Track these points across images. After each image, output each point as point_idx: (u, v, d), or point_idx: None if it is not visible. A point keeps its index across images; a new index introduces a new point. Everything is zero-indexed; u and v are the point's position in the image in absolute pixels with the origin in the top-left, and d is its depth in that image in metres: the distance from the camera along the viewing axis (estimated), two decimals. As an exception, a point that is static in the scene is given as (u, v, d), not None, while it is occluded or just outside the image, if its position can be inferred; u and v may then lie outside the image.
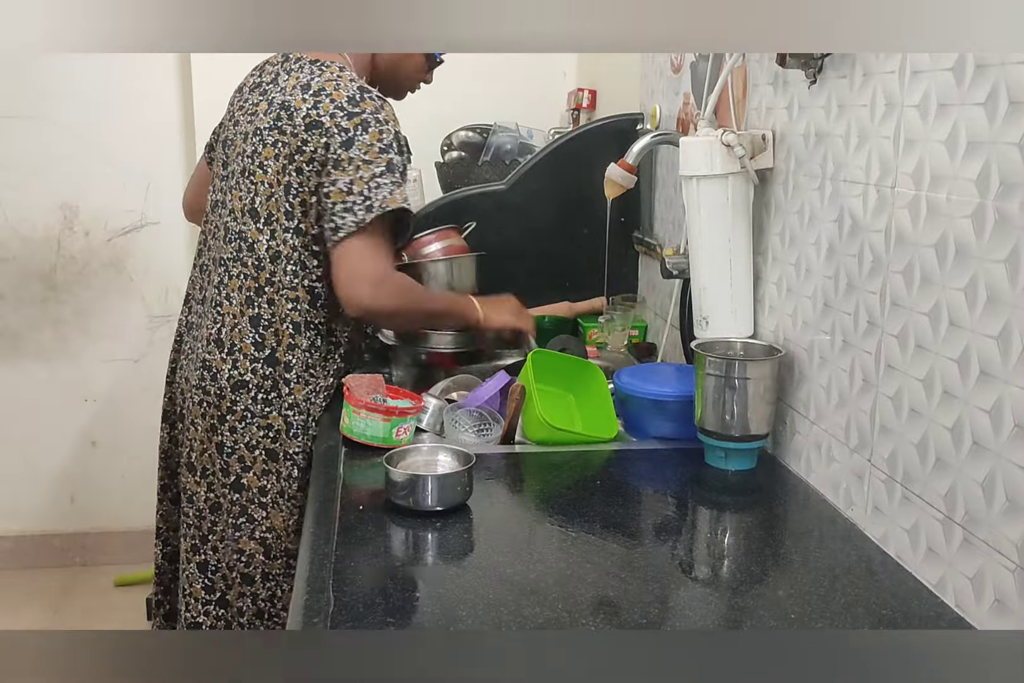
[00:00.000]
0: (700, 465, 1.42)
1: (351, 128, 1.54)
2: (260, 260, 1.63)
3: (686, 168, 1.45)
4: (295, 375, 1.64)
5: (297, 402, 1.64)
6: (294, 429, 1.64)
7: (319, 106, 1.57)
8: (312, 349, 1.65)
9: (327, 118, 1.55)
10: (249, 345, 1.63)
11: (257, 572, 1.65)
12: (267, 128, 1.61)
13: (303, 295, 1.64)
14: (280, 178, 1.60)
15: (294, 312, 1.64)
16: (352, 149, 1.54)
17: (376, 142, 1.55)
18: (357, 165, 1.54)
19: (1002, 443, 0.93)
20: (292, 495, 1.64)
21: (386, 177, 1.55)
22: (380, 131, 1.56)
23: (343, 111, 1.55)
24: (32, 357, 2.98)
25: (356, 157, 1.54)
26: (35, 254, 2.91)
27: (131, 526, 3.09)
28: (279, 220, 1.61)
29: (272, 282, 1.63)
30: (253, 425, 1.64)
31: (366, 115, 1.55)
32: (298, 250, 1.62)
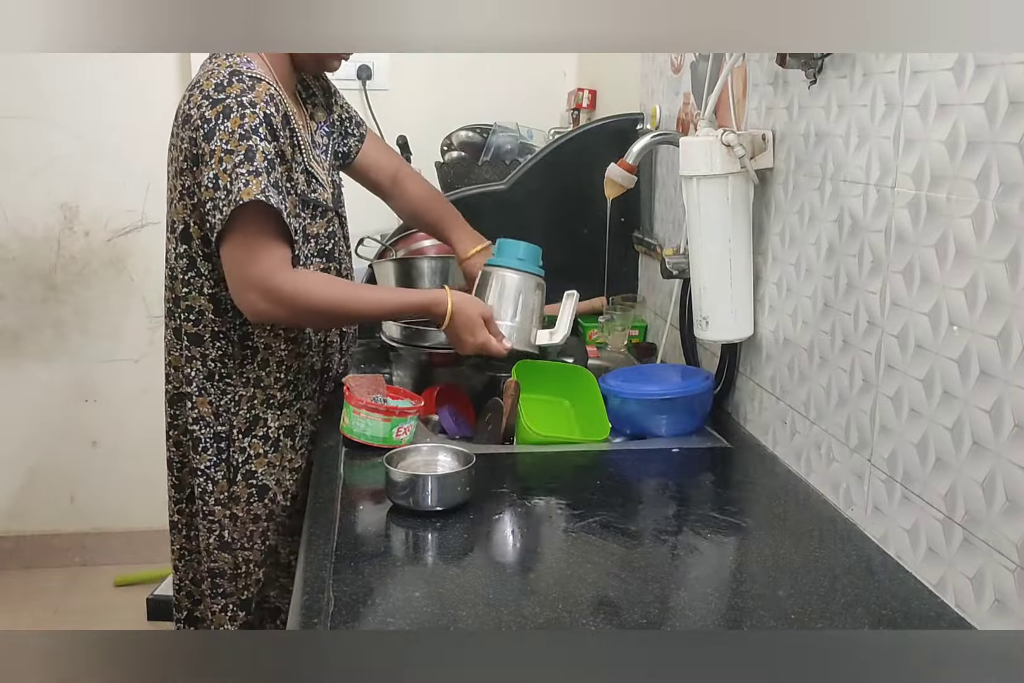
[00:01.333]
0: (700, 465, 1.42)
1: (213, 117, 1.40)
2: (171, 270, 1.57)
3: (686, 168, 1.45)
4: (196, 388, 1.56)
5: (202, 415, 1.57)
6: (203, 443, 1.58)
7: (191, 100, 1.45)
8: (224, 359, 1.56)
9: (195, 110, 1.43)
10: (177, 357, 1.61)
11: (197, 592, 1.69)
12: (171, 135, 1.53)
13: (205, 304, 1.54)
14: (174, 184, 1.52)
15: (187, 323, 1.55)
16: (213, 140, 1.39)
17: (237, 128, 1.39)
18: (220, 157, 1.39)
19: (1002, 443, 0.93)
20: (209, 511, 1.59)
21: (243, 166, 1.38)
22: (243, 115, 1.40)
23: (208, 100, 1.42)
24: (32, 357, 2.97)
25: (217, 148, 1.39)
26: (35, 254, 2.91)
27: (131, 526, 3.09)
28: (173, 227, 1.54)
29: (171, 296, 1.58)
30: (171, 440, 1.65)
31: (229, 100, 1.41)
32: (188, 257, 1.52)
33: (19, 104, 2.80)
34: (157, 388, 1.96)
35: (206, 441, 1.58)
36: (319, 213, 1.58)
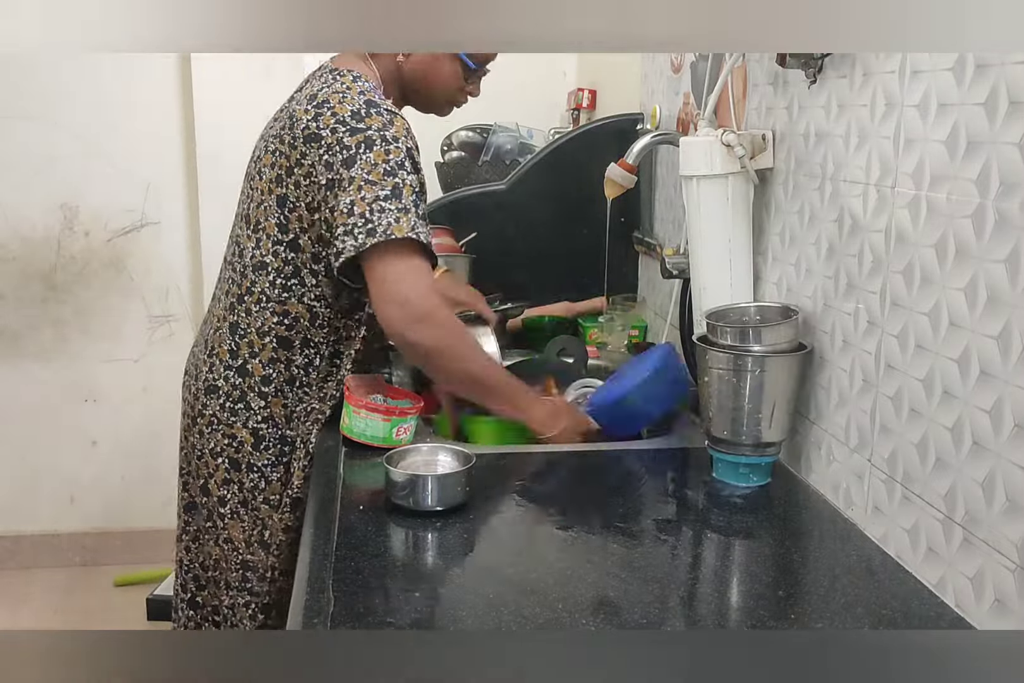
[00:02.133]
0: (700, 465, 1.42)
1: (353, 145, 1.43)
2: (245, 267, 1.58)
3: (686, 168, 1.45)
4: (273, 389, 1.57)
5: (273, 416, 1.58)
6: (266, 442, 1.58)
7: (320, 119, 1.47)
8: (309, 368, 1.58)
9: (327, 132, 1.45)
10: (225, 351, 1.60)
11: (221, 578, 1.66)
12: (273, 136, 1.55)
13: (302, 312, 1.55)
14: (273, 188, 1.53)
15: (280, 326, 1.56)
16: (354, 168, 1.42)
17: (381, 162, 1.43)
18: (359, 185, 1.42)
19: (1002, 443, 0.93)
20: (255, 507, 1.60)
21: (391, 202, 1.42)
22: (387, 150, 1.44)
23: (345, 126, 1.44)
24: (32, 357, 2.98)
25: (358, 177, 1.42)
26: (35, 254, 2.91)
27: (131, 526, 3.09)
28: (267, 230, 1.54)
29: (252, 292, 1.57)
30: (218, 432, 1.60)
31: (371, 132, 1.44)
32: (293, 265, 1.54)
33: (19, 104, 2.80)
34: (157, 388, 1.96)
35: (270, 441, 1.59)
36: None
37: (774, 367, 1.28)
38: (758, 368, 1.27)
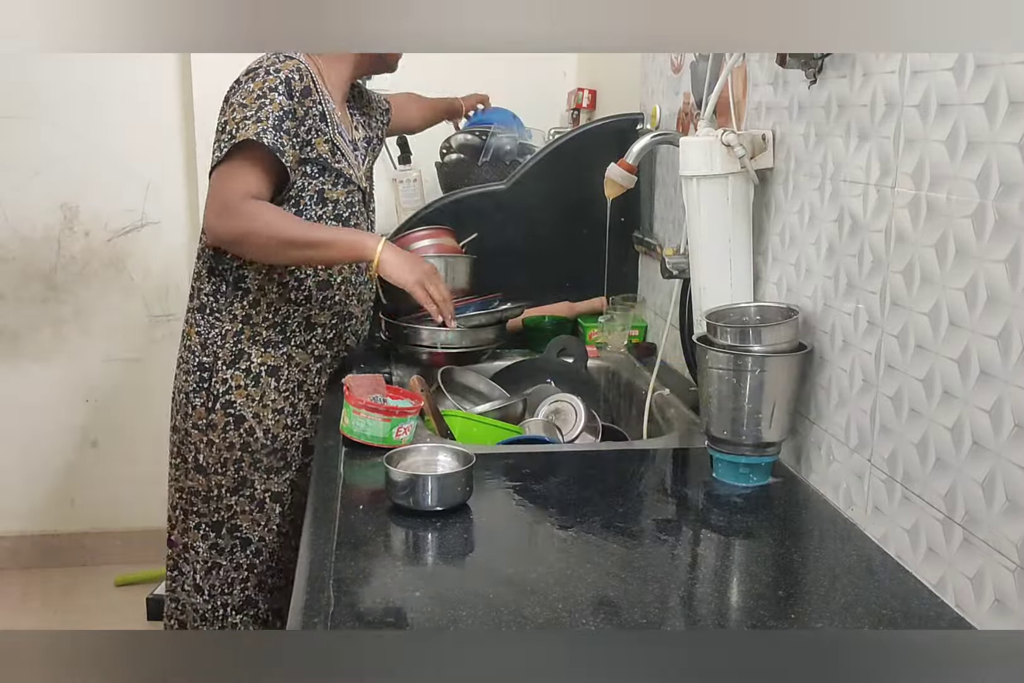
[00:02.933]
0: (700, 465, 1.42)
1: (242, 79, 1.62)
2: None
3: (686, 168, 1.45)
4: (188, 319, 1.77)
5: (189, 345, 1.76)
6: (185, 365, 1.76)
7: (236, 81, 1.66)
8: (216, 295, 1.73)
9: (233, 82, 1.64)
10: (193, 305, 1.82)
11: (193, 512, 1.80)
12: None
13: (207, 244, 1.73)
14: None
15: (198, 262, 1.75)
16: (236, 95, 1.60)
17: (257, 89, 1.59)
18: (234, 108, 1.59)
19: (1002, 443, 0.93)
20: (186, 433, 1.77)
21: (251, 117, 1.57)
22: (265, 79, 1.59)
23: (247, 73, 1.63)
24: (32, 357, 2.98)
25: (235, 102, 1.59)
26: (35, 254, 2.91)
27: (131, 526, 3.09)
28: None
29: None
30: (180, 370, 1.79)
31: (259, 68, 1.61)
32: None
33: (19, 104, 2.80)
34: (157, 388, 1.98)
35: (191, 367, 1.74)
36: (340, 182, 1.72)
37: (774, 367, 1.28)
38: (758, 368, 1.27)
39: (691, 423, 1.59)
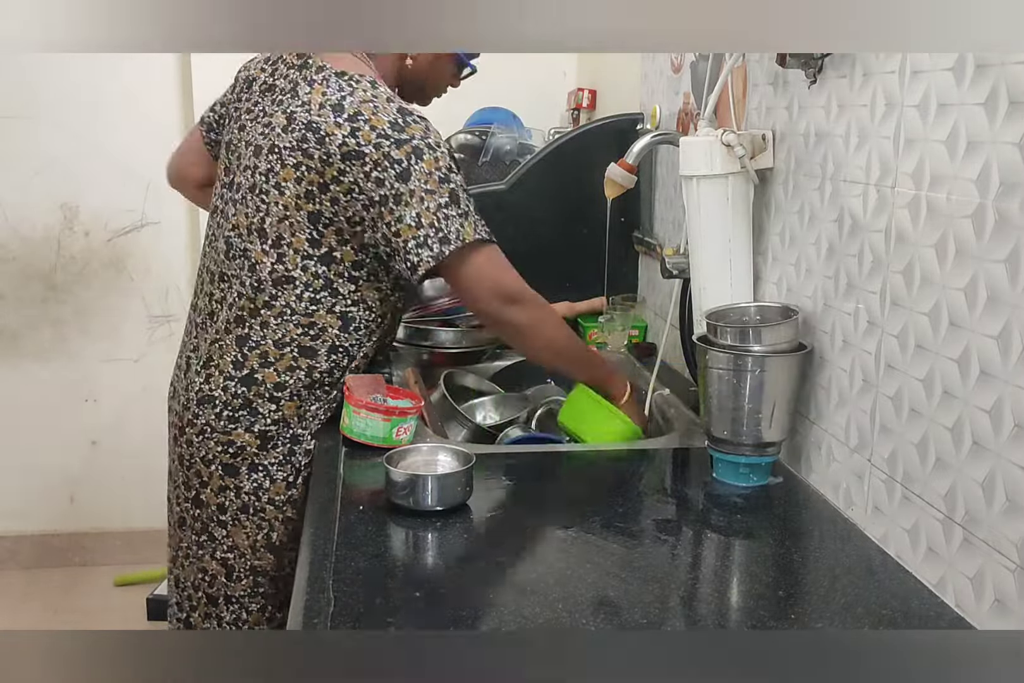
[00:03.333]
0: (700, 465, 1.42)
1: (403, 158, 1.44)
2: (261, 282, 1.54)
3: (686, 168, 1.45)
4: (288, 394, 1.56)
5: (285, 418, 1.57)
6: (274, 441, 1.57)
7: (358, 134, 1.44)
8: (335, 370, 1.59)
9: (370, 149, 1.44)
10: (228, 363, 1.57)
11: (220, 594, 1.62)
12: (288, 148, 1.49)
13: (331, 321, 1.55)
14: (301, 203, 1.50)
15: (305, 337, 1.55)
16: (411, 181, 1.44)
17: (434, 170, 1.46)
18: (420, 196, 1.45)
19: (1002, 443, 0.93)
20: (260, 508, 1.58)
21: (452, 209, 1.47)
22: (435, 158, 1.46)
23: (388, 140, 1.44)
24: (32, 357, 2.98)
25: (417, 189, 1.45)
26: (35, 254, 2.91)
27: (131, 526, 3.09)
28: (294, 245, 1.52)
29: (271, 306, 1.54)
30: (211, 440, 1.58)
31: (416, 142, 1.46)
32: (325, 278, 1.53)
33: (19, 104, 2.80)
34: (157, 388, 1.95)
35: (279, 440, 1.58)
36: None
37: (774, 367, 1.28)
38: (758, 368, 1.28)
39: (691, 423, 1.59)
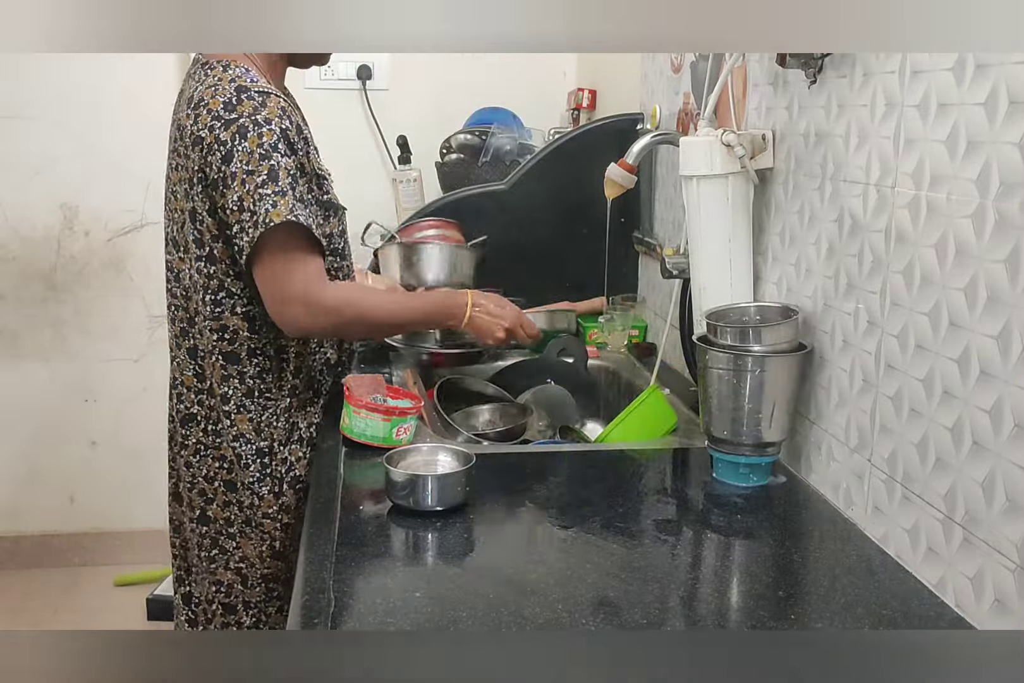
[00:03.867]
0: (700, 465, 1.42)
1: (229, 139, 1.39)
2: (187, 290, 1.54)
3: (686, 168, 1.45)
4: (234, 406, 1.55)
5: (243, 433, 1.55)
6: (244, 459, 1.56)
7: (199, 120, 1.42)
8: (263, 374, 1.55)
9: (206, 132, 1.41)
10: (191, 377, 1.57)
11: (238, 601, 1.63)
12: (171, 151, 1.51)
13: (239, 323, 1.52)
14: (183, 205, 1.49)
15: (222, 342, 1.52)
16: (233, 162, 1.38)
17: (256, 148, 1.38)
18: (242, 178, 1.38)
19: (1002, 443, 0.93)
20: (258, 523, 1.59)
21: (267, 187, 1.38)
22: (259, 134, 1.39)
23: (220, 121, 1.40)
24: (32, 357, 2.98)
25: (239, 170, 1.38)
26: (35, 254, 2.91)
27: (131, 526, 3.09)
28: (188, 249, 1.51)
29: (198, 312, 1.53)
30: (208, 457, 1.58)
31: (243, 120, 1.39)
32: (217, 278, 1.50)
33: (19, 104, 2.80)
34: (157, 388, 1.95)
35: (248, 457, 1.57)
36: (332, 213, 1.58)
37: (774, 367, 1.28)
38: (758, 368, 1.27)
39: (691, 423, 1.59)
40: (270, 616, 1.63)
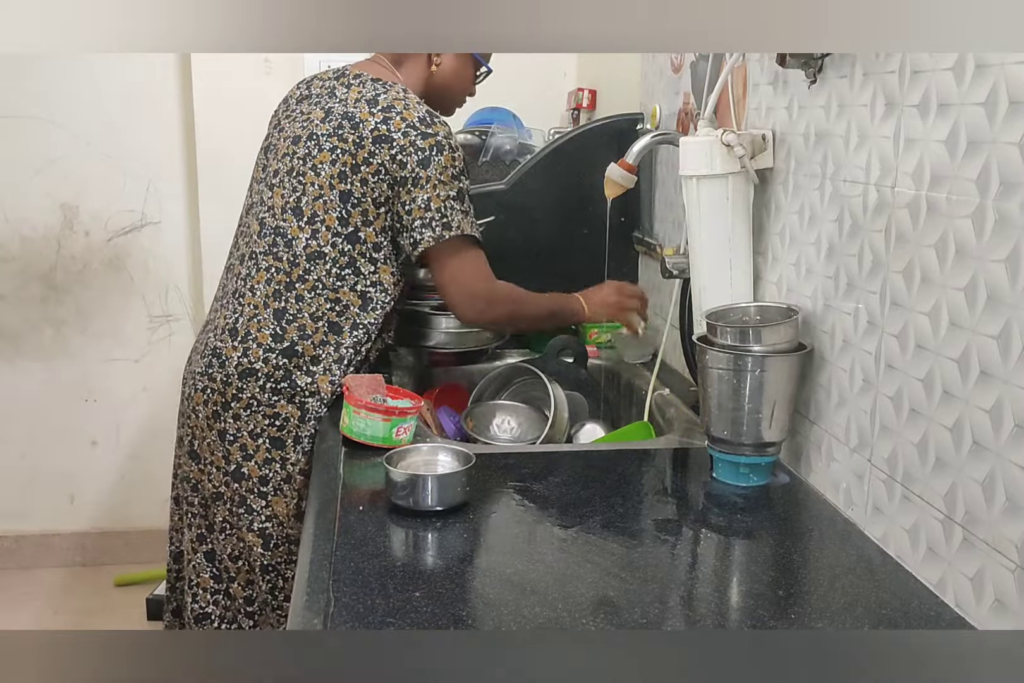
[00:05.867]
0: (700, 465, 1.42)
1: (427, 148, 1.61)
2: (296, 256, 1.65)
3: (686, 168, 1.45)
4: (322, 368, 1.65)
5: (319, 390, 1.65)
6: (308, 415, 1.65)
7: (389, 122, 1.62)
8: (357, 346, 1.67)
9: (399, 135, 1.61)
10: (267, 335, 1.65)
11: (256, 564, 1.66)
12: (325, 135, 1.64)
13: (353, 299, 1.67)
14: (335, 183, 1.63)
15: (332, 312, 1.66)
16: (430, 168, 1.61)
17: (450, 166, 1.63)
18: (434, 184, 1.61)
19: (1002, 443, 0.93)
20: (301, 479, 1.66)
21: (457, 203, 1.64)
22: (453, 157, 1.64)
23: (416, 130, 1.61)
24: (32, 357, 2.98)
25: (433, 176, 1.61)
26: (35, 254, 2.91)
27: (131, 526, 3.09)
28: (327, 222, 1.64)
29: (306, 279, 1.65)
30: (259, 413, 1.65)
31: (440, 138, 1.62)
32: (349, 255, 1.65)
33: (19, 104, 2.80)
34: (157, 388, 1.95)
35: (314, 412, 1.67)
36: None
37: (774, 367, 1.28)
38: (758, 368, 1.27)
39: (691, 423, 1.59)
40: (287, 581, 1.68)
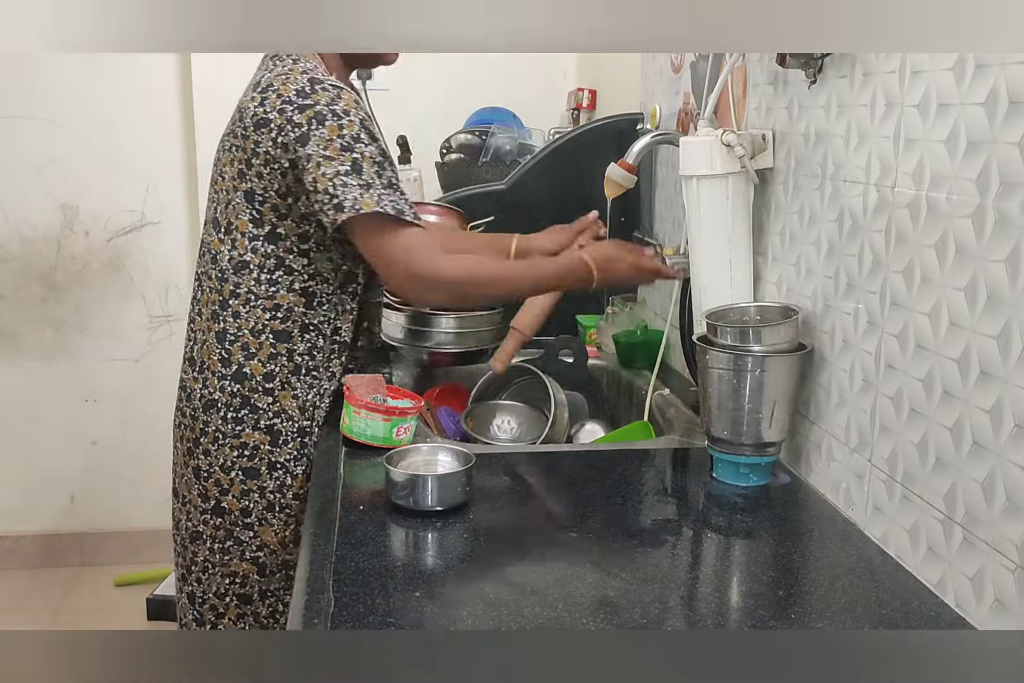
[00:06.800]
0: (699, 465, 1.42)
1: (304, 122, 1.41)
2: (223, 272, 1.54)
3: (686, 168, 1.45)
4: (279, 383, 1.55)
5: (284, 409, 1.56)
6: (283, 436, 1.56)
7: (265, 103, 1.45)
8: (313, 351, 1.57)
9: (275, 114, 1.43)
10: (216, 362, 1.56)
11: (254, 591, 1.61)
12: (227, 134, 1.53)
13: (295, 299, 1.54)
14: (237, 185, 1.50)
15: (274, 321, 1.54)
16: (309, 145, 1.41)
17: (335, 137, 1.41)
18: (317, 162, 1.40)
19: (1002, 443, 0.93)
20: (285, 505, 1.58)
21: (352, 177, 1.40)
22: (339, 125, 1.41)
23: (292, 105, 1.42)
24: (32, 357, 2.98)
25: (315, 154, 1.40)
26: (35, 254, 2.91)
27: (131, 526, 3.09)
28: (240, 229, 1.52)
29: (237, 294, 1.54)
30: (226, 446, 1.57)
31: (319, 107, 1.41)
32: (275, 256, 1.52)
33: (19, 104, 2.80)
34: (157, 388, 1.95)
35: (288, 434, 1.57)
36: None
37: (774, 367, 1.28)
38: (758, 368, 1.27)
39: (691, 423, 1.59)
40: (287, 605, 1.61)
